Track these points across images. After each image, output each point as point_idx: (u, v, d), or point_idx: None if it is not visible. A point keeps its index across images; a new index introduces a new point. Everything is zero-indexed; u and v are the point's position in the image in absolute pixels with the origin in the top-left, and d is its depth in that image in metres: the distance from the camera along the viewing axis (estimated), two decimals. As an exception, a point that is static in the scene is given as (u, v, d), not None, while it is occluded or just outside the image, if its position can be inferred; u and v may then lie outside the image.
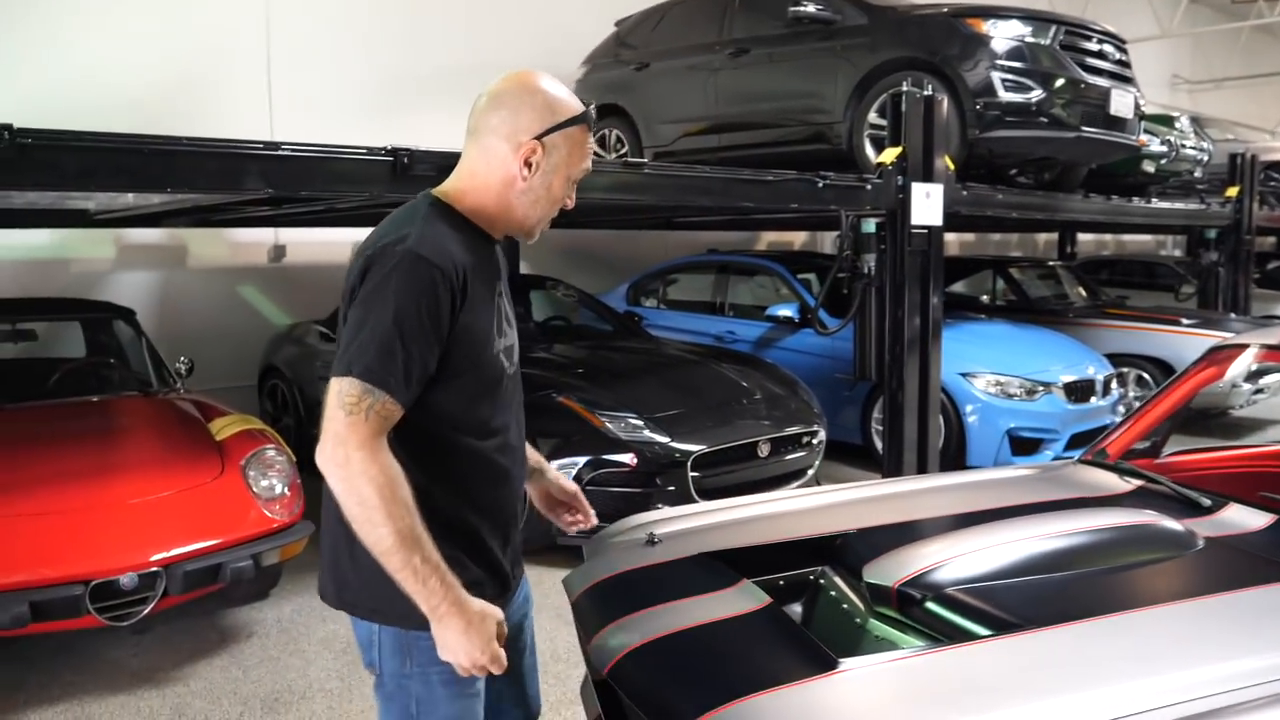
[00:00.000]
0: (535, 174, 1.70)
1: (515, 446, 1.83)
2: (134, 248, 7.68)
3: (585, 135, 1.75)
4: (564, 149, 1.71)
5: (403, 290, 1.57)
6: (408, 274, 1.57)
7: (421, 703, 1.74)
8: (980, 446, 6.30)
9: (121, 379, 5.22)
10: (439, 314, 1.59)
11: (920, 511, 2.62)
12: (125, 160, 3.18)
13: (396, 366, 1.55)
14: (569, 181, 1.75)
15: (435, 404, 1.65)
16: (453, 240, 1.66)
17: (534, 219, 1.76)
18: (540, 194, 1.73)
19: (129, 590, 3.54)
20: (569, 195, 1.77)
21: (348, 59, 8.38)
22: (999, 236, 15.67)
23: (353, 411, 1.53)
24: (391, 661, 1.74)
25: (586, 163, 1.76)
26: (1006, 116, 6.17)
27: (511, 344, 1.81)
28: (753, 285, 8.14)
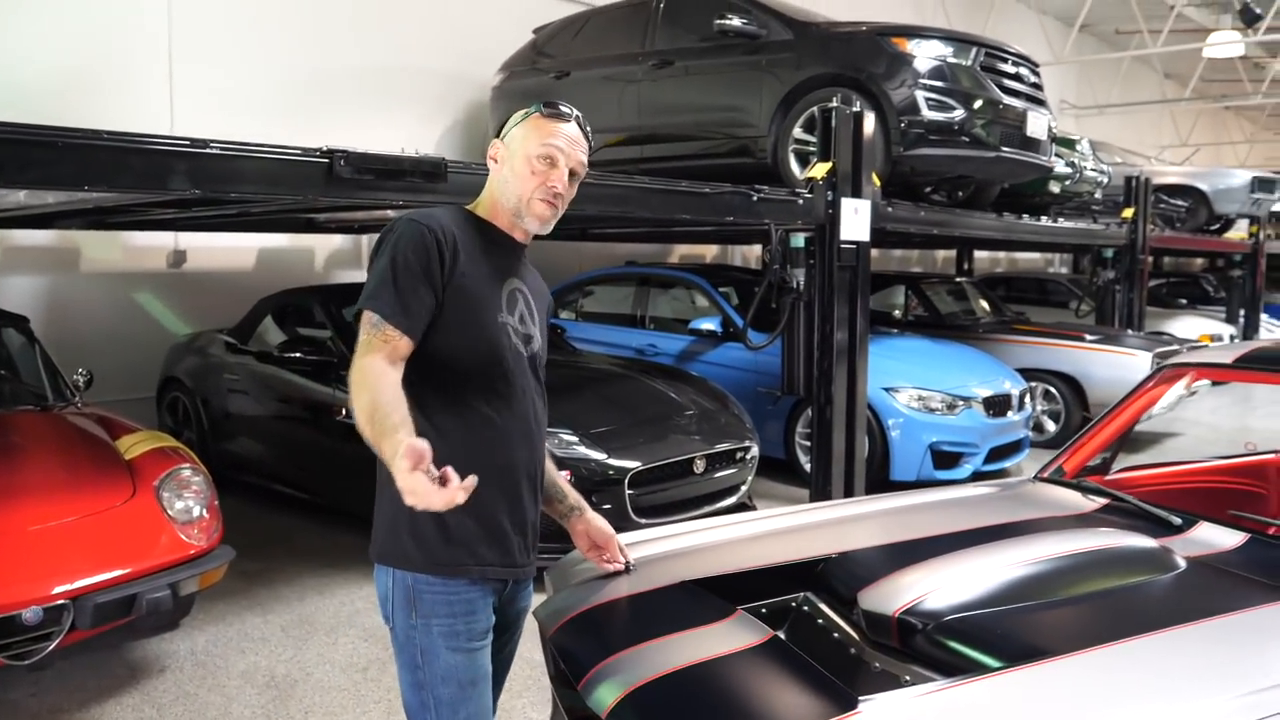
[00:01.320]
0: (502, 163, 2.04)
1: (522, 427, 2.01)
2: (20, 249, 7.18)
3: (538, 121, 2.02)
4: (519, 137, 2.02)
5: (396, 243, 1.89)
6: (400, 232, 1.91)
7: (425, 653, 1.94)
8: (904, 460, 6.37)
9: (14, 392, 4.83)
10: (428, 259, 1.88)
11: (895, 533, 2.57)
12: (36, 154, 2.91)
13: (391, 297, 1.85)
14: (530, 160, 1.99)
15: (439, 357, 1.90)
16: (455, 223, 1.97)
17: (513, 196, 2.01)
18: (508, 176, 2.01)
19: (31, 625, 3.24)
20: (548, 177, 1.99)
21: (257, 55, 8.02)
22: (900, 253, 16.05)
23: (362, 341, 1.84)
24: (401, 613, 1.96)
25: (548, 140, 1.99)
26: (930, 135, 6.25)
27: (529, 334, 2.05)
28: (672, 298, 8.09)
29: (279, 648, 4.10)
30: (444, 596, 1.95)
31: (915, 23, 6.63)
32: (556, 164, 1.99)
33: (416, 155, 3.81)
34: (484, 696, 2.02)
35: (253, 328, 6.60)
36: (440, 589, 1.94)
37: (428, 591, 1.93)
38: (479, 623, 1.99)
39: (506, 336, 1.98)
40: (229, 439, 6.43)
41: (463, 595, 1.96)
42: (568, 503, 2.28)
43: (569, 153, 2.00)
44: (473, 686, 1.98)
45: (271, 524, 5.81)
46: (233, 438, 6.41)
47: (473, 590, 1.96)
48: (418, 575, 1.93)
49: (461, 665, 1.96)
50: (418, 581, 1.93)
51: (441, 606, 1.94)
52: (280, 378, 5.92)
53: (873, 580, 2.15)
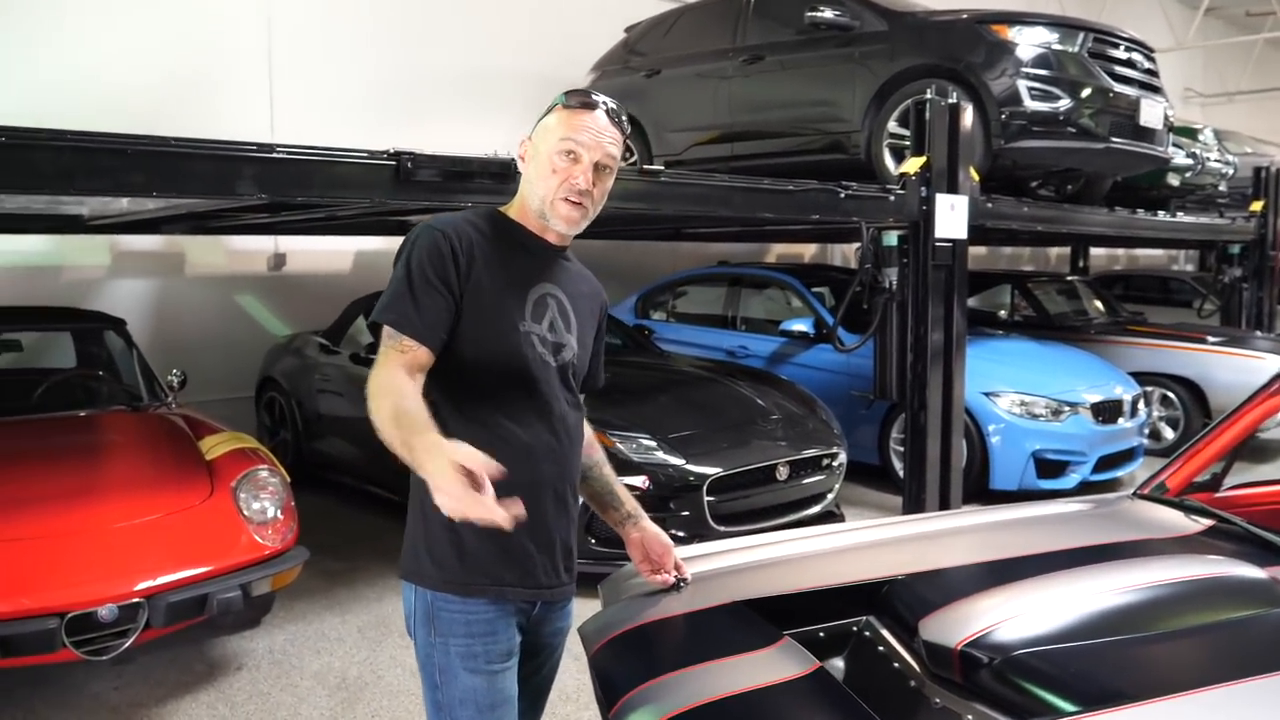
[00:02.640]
0: (528, 163, 1.93)
1: (548, 442, 1.91)
2: (130, 254, 7.47)
3: (561, 113, 1.89)
4: (541, 132, 1.91)
5: (411, 251, 1.82)
6: (416, 239, 1.83)
7: (443, 672, 1.88)
8: (1004, 468, 6.07)
9: (110, 393, 4.98)
10: (443, 265, 1.80)
11: (970, 554, 2.38)
12: (106, 161, 2.96)
13: (406, 307, 1.78)
14: (551, 155, 1.87)
15: (456, 369, 1.83)
16: (477, 227, 1.89)
17: (537, 196, 1.90)
18: (533, 175, 1.91)
19: (108, 623, 3.30)
20: (570, 173, 1.86)
21: (352, 61, 8.17)
22: (1010, 250, 15.45)
23: (381, 353, 1.78)
24: (421, 630, 1.90)
25: (567, 134, 1.86)
26: (1033, 126, 5.95)
27: (561, 342, 1.94)
28: (765, 299, 7.92)
29: (354, 649, 4.10)
30: (462, 616, 1.87)
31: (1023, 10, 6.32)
32: (580, 159, 1.86)
33: (486, 156, 3.76)
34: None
35: (344, 329, 6.70)
36: (458, 608, 1.87)
37: (445, 610, 1.87)
38: (499, 644, 1.89)
39: (530, 346, 1.88)
40: (322, 439, 6.54)
41: (481, 615, 1.87)
42: (623, 510, 2.19)
43: (593, 145, 1.86)
44: (492, 711, 1.89)
45: (360, 524, 5.87)
46: (325, 438, 6.51)
47: (492, 610, 1.88)
48: (436, 593, 1.87)
49: (480, 688, 1.88)
50: (436, 599, 1.87)
51: (459, 626, 1.87)
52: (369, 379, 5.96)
53: (938, 606, 1.98)
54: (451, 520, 1.67)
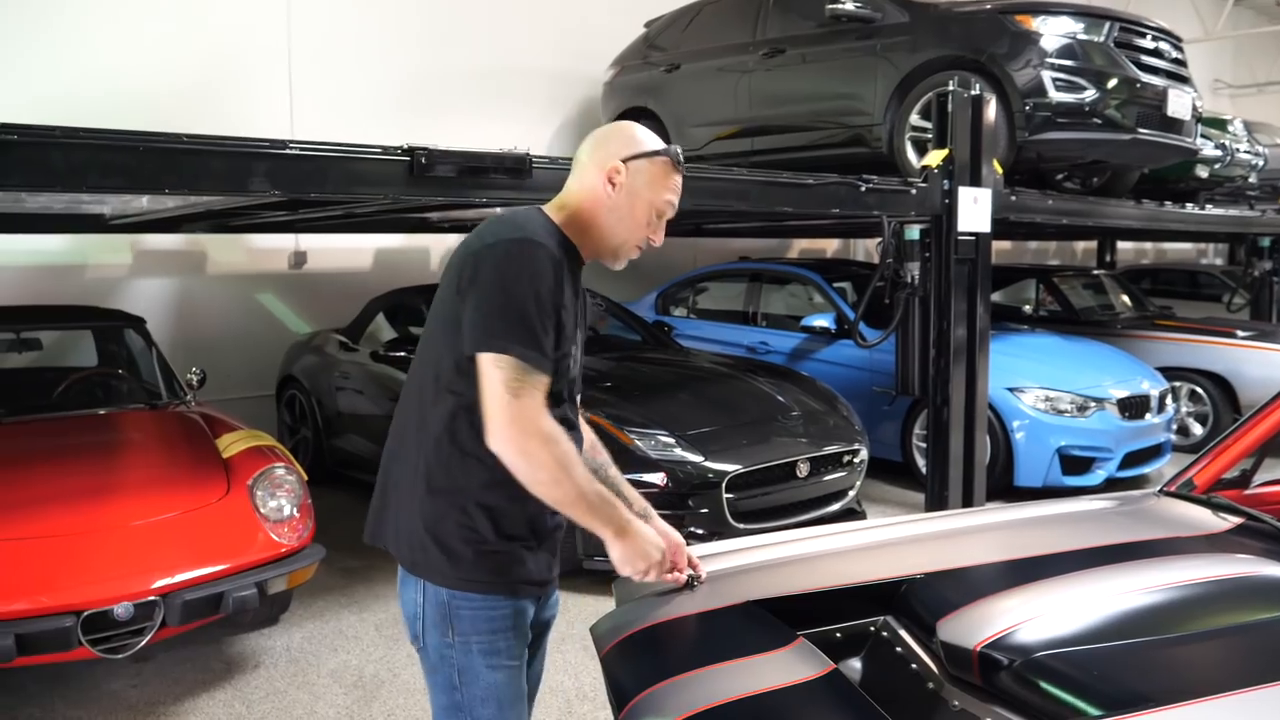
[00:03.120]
0: (619, 192, 1.86)
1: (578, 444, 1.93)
2: (151, 253, 7.50)
3: (669, 169, 1.90)
4: (646, 174, 1.87)
5: (532, 273, 1.72)
6: (532, 259, 1.73)
7: (464, 672, 1.84)
8: (1029, 465, 5.98)
9: (129, 391, 5.00)
10: (558, 292, 1.76)
11: (991, 552, 2.32)
12: (118, 159, 2.95)
13: (538, 340, 1.71)
14: (652, 209, 1.89)
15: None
16: (557, 242, 1.82)
17: (618, 238, 1.89)
18: (624, 213, 1.87)
19: (124, 621, 3.30)
20: (655, 229, 1.91)
21: (372, 59, 8.17)
22: (1036, 245, 15.28)
23: (519, 394, 1.69)
24: (434, 633, 1.84)
25: (671, 195, 1.90)
26: (1058, 118, 5.86)
27: (577, 356, 1.96)
28: (786, 294, 7.86)
29: (371, 647, 4.09)
30: (484, 612, 1.85)
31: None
32: (664, 219, 1.92)
33: (501, 151, 3.72)
34: (524, 716, 1.94)
35: (364, 327, 6.70)
36: (480, 604, 1.84)
37: (466, 607, 1.83)
38: (520, 638, 1.90)
39: (569, 366, 1.89)
40: (342, 436, 6.54)
41: (502, 610, 1.86)
42: (633, 509, 2.07)
43: (676, 207, 1.94)
44: (513, 707, 1.91)
45: (378, 521, 5.85)
46: (345, 435, 6.51)
47: (511, 605, 1.87)
48: (454, 592, 1.83)
49: (503, 683, 1.87)
50: (454, 598, 1.83)
51: (482, 623, 1.85)
52: (389, 376, 5.97)
53: (957, 606, 1.92)
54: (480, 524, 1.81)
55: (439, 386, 1.82)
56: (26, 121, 2.82)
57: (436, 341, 1.84)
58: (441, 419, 1.81)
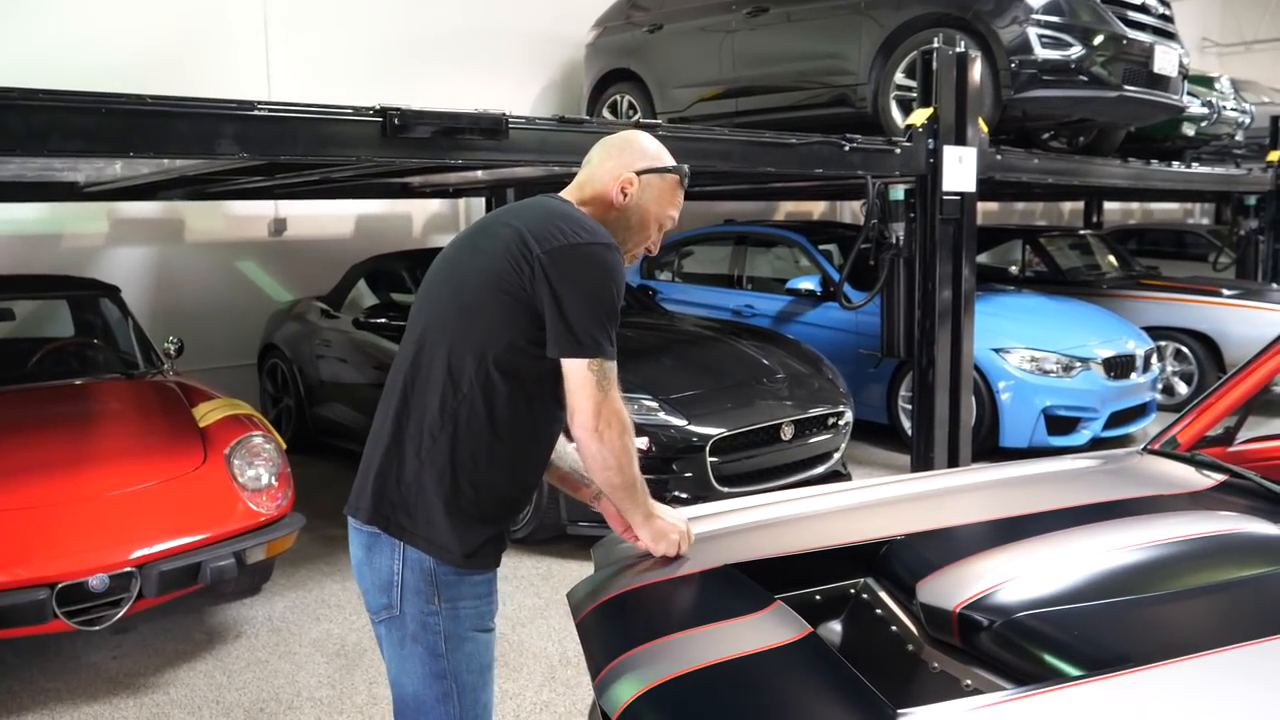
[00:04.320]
0: (629, 201, 1.92)
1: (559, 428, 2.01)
2: (128, 222, 7.39)
3: (676, 187, 1.97)
4: (656, 189, 1.94)
5: (616, 279, 1.81)
6: (616, 265, 1.81)
7: (450, 639, 1.84)
8: (1014, 425, 5.97)
9: (105, 361, 4.93)
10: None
11: (972, 512, 2.29)
12: (80, 121, 2.87)
13: (614, 340, 1.83)
14: (656, 222, 1.97)
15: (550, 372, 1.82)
16: None
17: (632, 239, 1.97)
18: (630, 221, 1.94)
19: (100, 593, 3.26)
20: (655, 241, 2.01)
21: (351, 20, 8.02)
22: (1023, 206, 15.22)
23: (608, 390, 1.81)
24: (415, 600, 1.82)
25: (674, 211, 1.98)
26: (1044, 75, 5.81)
27: None
28: (772, 257, 7.80)
29: (353, 615, 4.06)
30: (469, 577, 1.86)
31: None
32: (665, 230, 2.02)
33: (476, 111, 3.64)
34: (493, 679, 1.97)
35: (345, 294, 6.63)
36: (466, 573, 1.86)
37: (453, 574, 1.84)
38: (495, 603, 1.94)
39: None
40: (324, 404, 6.48)
41: (483, 577, 1.90)
42: (594, 486, 2.09)
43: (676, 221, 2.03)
44: (489, 670, 1.95)
45: (362, 490, 5.82)
46: (328, 403, 6.45)
47: (492, 573, 1.93)
48: (441, 563, 1.82)
49: (484, 647, 1.91)
50: (439, 568, 1.83)
51: (467, 589, 1.86)
52: (371, 343, 5.90)
53: (937, 567, 1.90)
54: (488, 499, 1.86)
55: (461, 372, 1.81)
56: None
57: (454, 327, 1.82)
58: (467, 402, 1.81)
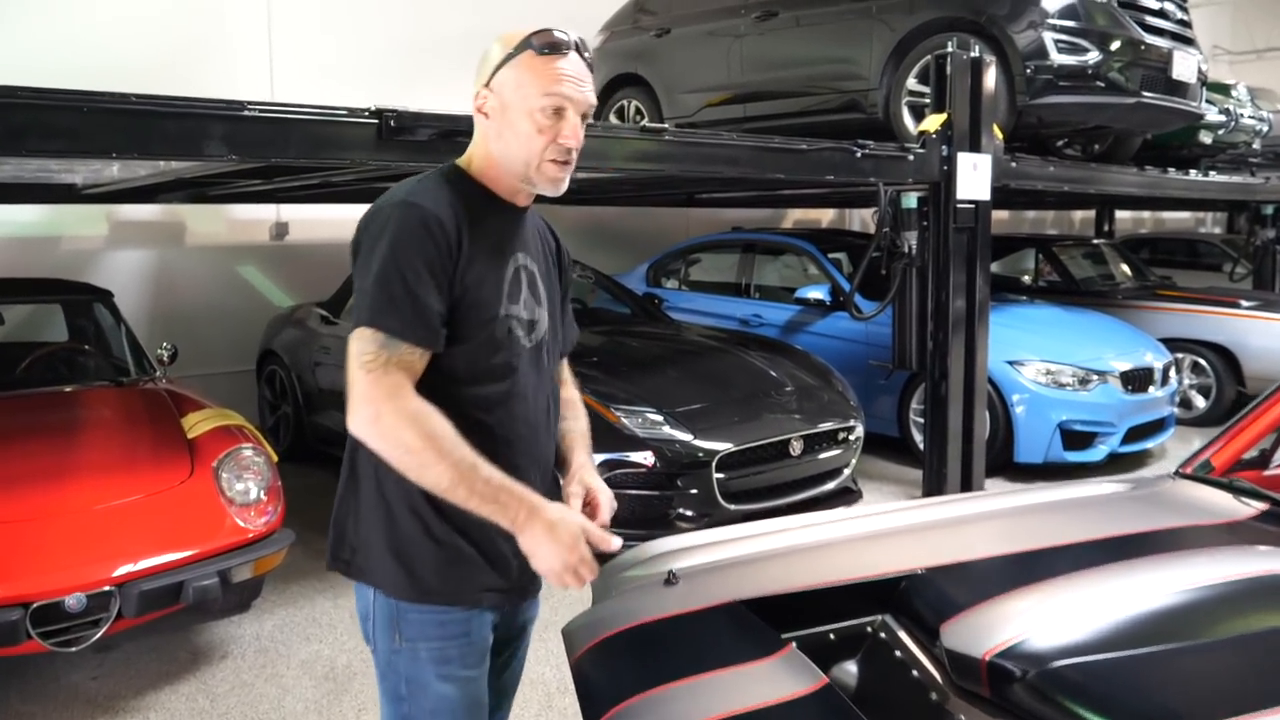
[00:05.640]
0: (494, 119, 1.65)
1: (526, 433, 1.73)
2: (128, 224, 7.28)
3: (535, 63, 1.63)
4: (510, 84, 1.63)
5: (397, 238, 1.55)
6: (400, 222, 1.56)
7: (410, 683, 1.68)
8: (1029, 440, 5.82)
9: (95, 367, 4.80)
10: (436, 258, 1.56)
11: (996, 543, 2.15)
12: (61, 120, 2.75)
13: (404, 310, 1.53)
14: (534, 113, 1.62)
15: (441, 368, 1.61)
16: (452, 199, 1.63)
17: (518, 161, 1.65)
18: (509, 135, 1.64)
19: (77, 613, 3.12)
20: (558, 131, 1.63)
21: (356, 22, 7.91)
22: (1033, 214, 15.07)
23: (371, 369, 1.52)
24: (383, 637, 1.70)
25: (551, 87, 1.62)
26: (1060, 81, 5.65)
27: (534, 319, 1.74)
28: (780, 265, 7.66)
29: (344, 635, 3.92)
30: (435, 618, 1.68)
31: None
32: (565, 114, 1.63)
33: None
34: None
35: (346, 300, 6.49)
36: (430, 612, 1.67)
37: (414, 612, 1.67)
38: (475, 646, 1.72)
39: (508, 332, 1.68)
40: (323, 412, 6.34)
41: (455, 616, 1.68)
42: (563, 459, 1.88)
43: (578, 97, 1.64)
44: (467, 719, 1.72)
45: (359, 501, 5.68)
46: (326, 411, 6.31)
47: (467, 611, 1.69)
48: (400, 599, 1.66)
49: (454, 696, 1.69)
50: (400, 602, 1.66)
51: (432, 629, 1.68)
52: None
53: (962, 607, 1.75)
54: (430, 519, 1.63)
55: None
56: None
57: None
58: None
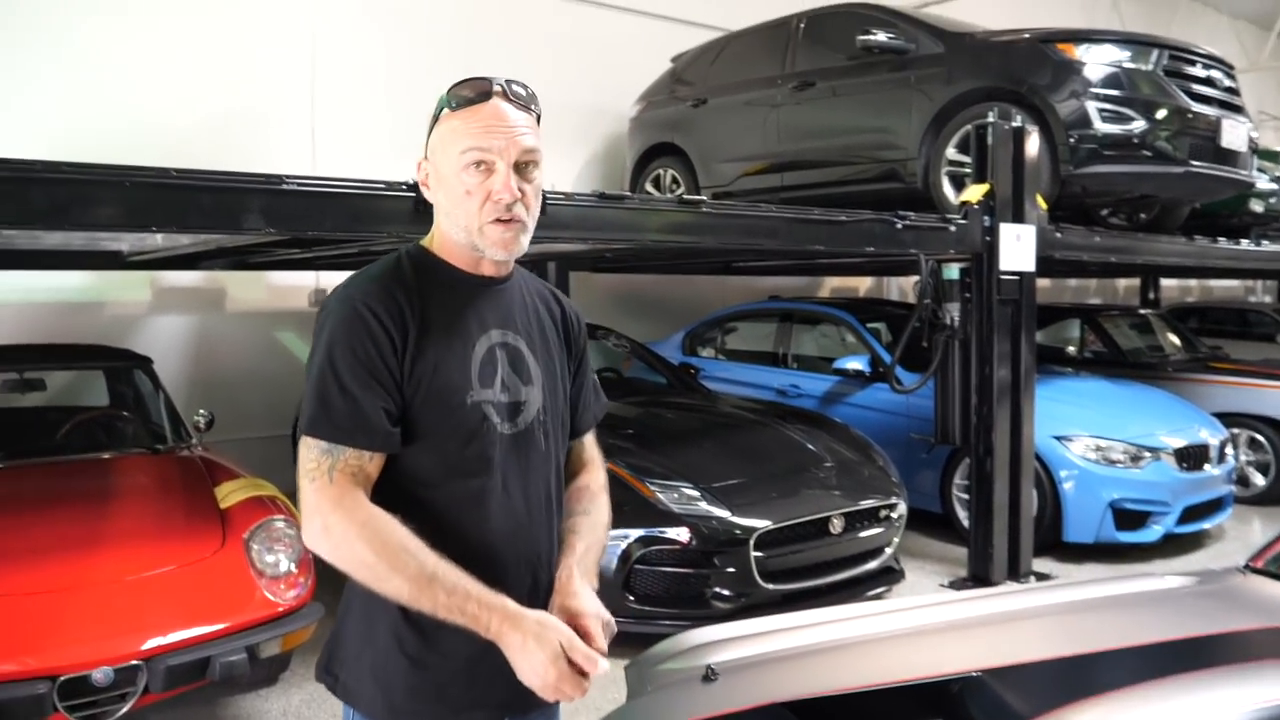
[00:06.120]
0: (434, 189, 1.57)
1: (512, 529, 1.55)
2: (170, 291, 7.37)
3: (454, 118, 1.53)
4: (438, 147, 1.55)
5: (332, 337, 1.46)
6: (336, 319, 1.47)
7: None
8: (1079, 519, 5.63)
9: (132, 434, 4.80)
10: (374, 353, 1.45)
11: (1055, 642, 2.03)
12: (103, 194, 2.77)
13: (340, 415, 1.42)
14: (460, 174, 1.50)
15: (405, 470, 1.50)
16: (401, 283, 1.52)
17: (459, 226, 1.53)
18: (447, 204, 1.54)
19: (104, 686, 3.06)
20: (488, 187, 1.49)
21: (397, 94, 8.02)
22: (1075, 282, 14.89)
23: (315, 478, 1.43)
24: None
25: (466, 141, 1.50)
26: (1105, 150, 5.58)
27: (519, 401, 1.57)
28: (818, 335, 7.57)
29: (372, 715, 3.82)
30: None
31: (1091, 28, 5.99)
32: (494, 168, 1.49)
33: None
34: None
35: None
36: None
37: None
38: None
39: (482, 421, 1.52)
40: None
41: None
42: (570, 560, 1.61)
43: (506, 146, 1.49)
44: None
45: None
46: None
47: None
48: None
49: None
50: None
51: None
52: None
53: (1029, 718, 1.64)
54: (405, 636, 1.51)
55: None
56: (43, 157, 2.67)
57: None
58: None
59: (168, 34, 6.96)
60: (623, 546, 4.18)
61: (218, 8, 7.18)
